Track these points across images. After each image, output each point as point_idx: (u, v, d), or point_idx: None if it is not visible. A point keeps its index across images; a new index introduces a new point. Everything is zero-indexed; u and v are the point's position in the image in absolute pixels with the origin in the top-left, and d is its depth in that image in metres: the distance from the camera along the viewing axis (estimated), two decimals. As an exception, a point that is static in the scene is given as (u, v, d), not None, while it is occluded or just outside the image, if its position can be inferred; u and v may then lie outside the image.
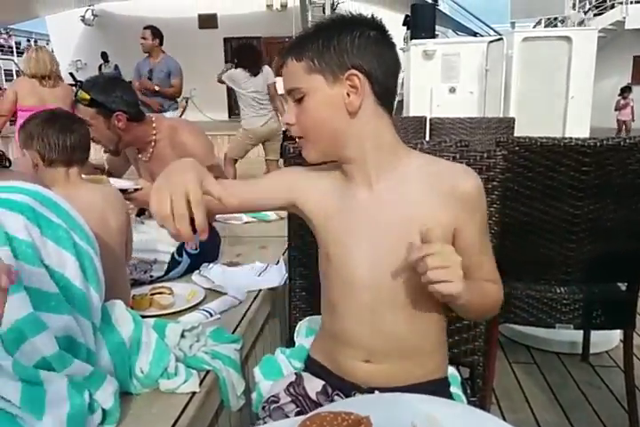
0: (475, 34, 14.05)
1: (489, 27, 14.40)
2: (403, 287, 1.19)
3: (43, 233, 1.20)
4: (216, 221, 2.77)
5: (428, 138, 4.34)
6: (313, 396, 1.30)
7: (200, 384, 1.47)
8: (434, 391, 1.19)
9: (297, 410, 1.28)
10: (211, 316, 1.89)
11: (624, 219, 2.12)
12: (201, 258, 2.36)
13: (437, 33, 10.98)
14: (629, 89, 15.43)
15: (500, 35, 9.44)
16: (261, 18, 15.66)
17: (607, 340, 3.17)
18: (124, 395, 1.39)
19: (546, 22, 14.82)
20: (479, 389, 1.52)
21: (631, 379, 2.35)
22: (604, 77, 15.38)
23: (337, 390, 1.29)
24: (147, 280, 2.21)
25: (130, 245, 1.93)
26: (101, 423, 1.27)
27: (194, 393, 1.44)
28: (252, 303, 2.04)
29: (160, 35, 6.32)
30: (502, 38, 7.82)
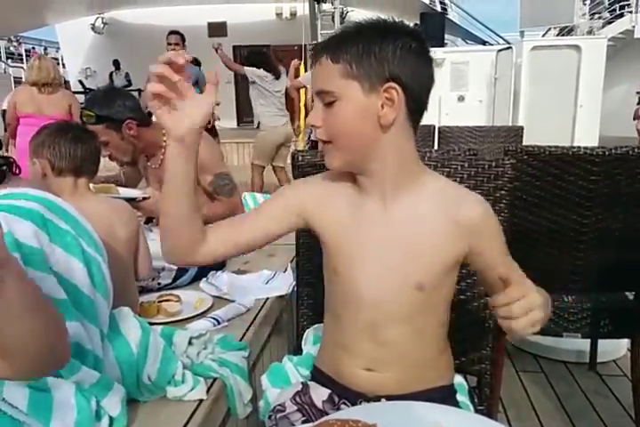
0: (484, 42, 14.08)
1: (498, 35, 14.42)
2: (407, 303, 1.19)
3: (51, 240, 1.20)
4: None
5: (437, 146, 4.34)
6: (319, 404, 1.30)
7: (207, 392, 1.47)
8: (440, 398, 1.20)
9: (303, 419, 1.28)
10: (218, 323, 1.89)
11: (632, 228, 2.11)
12: (209, 266, 2.35)
13: (446, 41, 11.02)
14: None
15: (510, 43, 9.45)
16: (271, 26, 15.69)
17: (615, 349, 3.15)
18: (131, 402, 1.38)
19: (556, 31, 14.82)
20: (486, 397, 1.52)
21: (638, 388, 2.34)
22: (613, 86, 15.32)
23: (343, 398, 1.28)
24: (154, 287, 2.22)
25: (146, 259, 1.93)
26: (108, 430, 1.27)
27: (201, 401, 1.44)
28: (260, 311, 2.04)
29: (185, 40, 6.29)
30: (511, 47, 7.84)
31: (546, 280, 2.28)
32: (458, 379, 1.37)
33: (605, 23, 17.27)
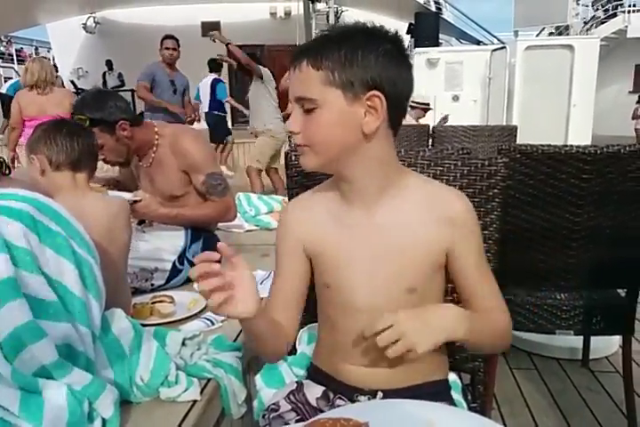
0: (478, 42, 14.10)
1: (492, 35, 14.42)
2: (400, 307, 1.19)
3: (41, 241, 1.19)
4: (218, 229, 2.77)
5: (431, 146, 4.35)
6: (313, 402, 1.30)
7: (201, 392, 1.47)
8: (436, 393, 1.23)
9: (297, 418, 1.28)
10: (212, 324, 1.89)
11: (624, 226, 2.12)
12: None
13: (441, 41, 11.03)
14: None
15: (504, 43, 9.48)
16: (265, 26, 15.66)
17: (607, 345, 3.18)
18: (125, 404, 1.38)
19: (548, 31, 14.85)
20: (480, 395, 1.52)
21: (630, 384, 2.36)
22: (606, 86, 15.39)
23: (339, 394, 1.29)
24: (148, 289, 2.22)
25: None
26: (101, 432, 1.26)
27: (195, 401, 1.44)
28: (254, 311, 2.03)
29: (179, 45, 6.24)
30: (505, 47, 7.87)
31: (538, 278, 2.30)
32: (452, 377, 1.37)
33: (598, 23, 17.34)
